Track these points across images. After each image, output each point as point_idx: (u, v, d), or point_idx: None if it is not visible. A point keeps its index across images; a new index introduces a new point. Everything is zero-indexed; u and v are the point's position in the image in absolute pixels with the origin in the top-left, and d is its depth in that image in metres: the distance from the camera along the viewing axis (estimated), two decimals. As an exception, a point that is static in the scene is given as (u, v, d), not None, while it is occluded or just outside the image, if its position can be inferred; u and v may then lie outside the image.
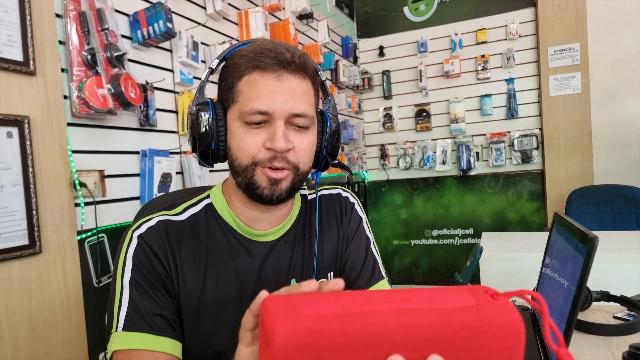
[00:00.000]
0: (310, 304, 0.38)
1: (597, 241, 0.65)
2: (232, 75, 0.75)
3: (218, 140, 0.76)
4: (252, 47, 0.75)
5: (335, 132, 0.84)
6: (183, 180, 1.82)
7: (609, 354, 0.85)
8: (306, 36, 2.96)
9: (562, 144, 3.32)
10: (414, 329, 0.37)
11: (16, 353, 1.17)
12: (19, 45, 1.21)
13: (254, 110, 0.71)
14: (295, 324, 0.36)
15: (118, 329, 0.71)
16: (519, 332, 0.38)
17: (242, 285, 0.79)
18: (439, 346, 0.37)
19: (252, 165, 0.74)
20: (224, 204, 0.83)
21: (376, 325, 0.37)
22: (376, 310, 0.37)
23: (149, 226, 0.78)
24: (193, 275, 0.77)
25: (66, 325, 1.31)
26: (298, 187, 0.79)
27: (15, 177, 1.19)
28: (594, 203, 2.72)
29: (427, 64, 3.73)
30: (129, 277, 0.74)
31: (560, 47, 3.28)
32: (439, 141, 3.73)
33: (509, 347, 0.38)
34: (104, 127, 1.49)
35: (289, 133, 0.74)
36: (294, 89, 0.73)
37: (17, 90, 1.21)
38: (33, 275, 1.23)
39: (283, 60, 0.72)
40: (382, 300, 0.39)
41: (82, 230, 1.39)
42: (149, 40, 1.60)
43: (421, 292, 0.40)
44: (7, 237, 1.16)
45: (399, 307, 0.38)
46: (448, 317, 0.38)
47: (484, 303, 0.39)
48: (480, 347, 0.38)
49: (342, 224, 0.91)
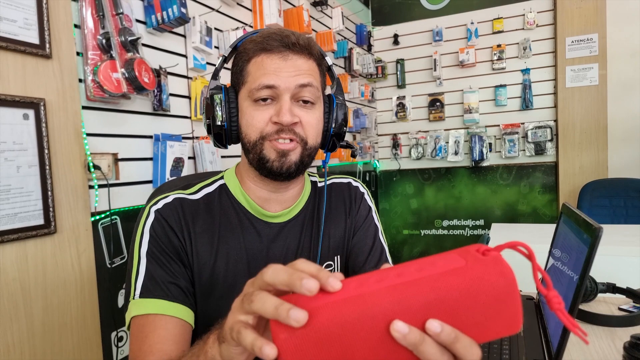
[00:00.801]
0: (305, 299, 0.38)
1: (601, 232, 0.65)
2: (242, 60, 0.80)
3: (230, 121, 0.81)
4: (260, 34, 0.80)
5: (342, 113, 0.87)
6: (195, 165, 1.84)
7: (612, 344, 0.85)
8: (320, 23, 2.94)
9: (577, 136, 3.27)
10: (406, 300, 0.37)
11: (31, 329, 1.21)
12: (35, 29, 1.23)
13: (261, 85, 0.76)
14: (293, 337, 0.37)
15: (135, 297, 0.74)
16: (509, 282, 0.38)
17: (252, 263, 0.83)
18: (434, 311, 0.38)
19: (261, 140, 0.78)
20: (237, 185, 0.87)
21: (369, 305, 0.37)
22: (368, 292, 0.38)
23: (166, 202, 0.82)
24: (206, 250, 0.81)
25: (79, 303, 1.35)
26: (307, 162, 0.82)
27: (31, 159, 1.21)
28: (607, 196, 2.69)
29: (442, 53, 3.70)
30: (146, 249, 0.78)
31: (578, 38, 3.22)
32: (452, 131, 3.71)
33: (503, 299, 0.38)
34: (118, 110, 1.51)
35: (295, 108, 0.78)
36: (299, 66, 0.78)
37: (33, 72, 1.23)
38: (48, 255, 1.26)
39: (288, 42, 0.77)
40: (374, 280, 0.39)
41: (96, 212, 1.42)
42: (162, 25, 1.61)
43: (413, 263, 0.41)
44: (23, 216, 1.19)
45: (390, 283, 0.39)
46: (437, 282, 0.38)
47: (473, 261, 0.39)
48: (475, 304, 0.38)
49: (351, 212, 0.94)
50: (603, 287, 1.10)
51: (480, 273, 0.38)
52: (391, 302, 0.37)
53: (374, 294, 0.38)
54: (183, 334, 0.74)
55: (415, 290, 0.38)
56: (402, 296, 0.38)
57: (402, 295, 0.38)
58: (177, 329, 0.73)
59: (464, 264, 0.39)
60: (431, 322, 0.37)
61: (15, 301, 1.18)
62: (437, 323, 0.37)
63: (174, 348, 0.70)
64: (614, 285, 1.09)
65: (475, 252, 0.40)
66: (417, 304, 0.38)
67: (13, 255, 1.17)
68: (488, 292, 0.38)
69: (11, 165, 1.17)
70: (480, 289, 0.38)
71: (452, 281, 0.38)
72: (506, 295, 0.38)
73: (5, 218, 1.15)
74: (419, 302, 0.38)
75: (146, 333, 0.71)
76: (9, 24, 1.16)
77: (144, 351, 0.69)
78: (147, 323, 0.72)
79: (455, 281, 0.38)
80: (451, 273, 0.38)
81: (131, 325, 0.74)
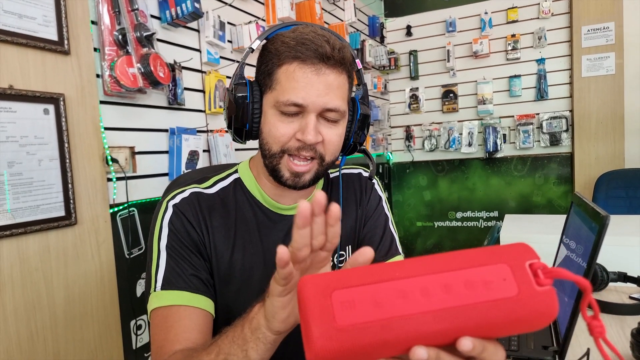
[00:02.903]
0: (349, 305, 0.38)
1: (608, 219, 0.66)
2: (272, 62, 0.78)
3: (252, 121, 0.80)
4: (294, 34, 0.77)
5: (364, 121, 0.87)
6: (210, 158, 1.87)
7: (620, 332, 0.86)
8: (332, 15, 2.95)
9: (593, 127, 3.23)
10: (451, 327, 0.37)
11: (53, 318, 1.26)
12: (53, 25, 1.26)
13: (290, 102, 0.75)
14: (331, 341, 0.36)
15: (157, 289, 0.76)
16: (552, 318, 0.39)
17: (267, 255, 0.85)
18: (472, 331, 0.38)
19: (280, 153, 0.78)
20: (252, 179, 0.88)
21: (414, 331, 0.37)
22: (415, 314, 0.37)
23: (183, 197, 0.84)
24: (223, 243, 0.83)
25: (100, 293, 1.39)
26: (322, 175, 0.83)
27: (51, 152, 1.25)
28: (623, 187, 2.66)
29: (455, 43, 3.67)
30: (165, 243, 0.80)
31: (594, 27, 3.17)
32: (466, 123, 3.69)
33: (537, 326, 0.39)
34: (134, 105, 1.54)
35: (320, 125, 0.77)
36: (330, 84, 0.75)
37: (52, 69, 1.27)
38: (69, 246, 1.30)
39: (323, 54, 0.74)
40: (420, 289, 0.38)
41: (114, 204, 1.46)
42: (177, 20, 1.63)
43: (460, 272, 0.39)
44: (45, 208, 1.23)
45: (438, 304, 0.38)
46: (487, 313, 0.38)
47: (526, 292, 0.38)
48: (515, 330, 0.39)
49: (362, 202, 0.96)
50: (614, 276, 1.10)
51: (530, 311, 0.38)
52: (435, 331, 0.37)
53: (421, 318, 0.37)
54: (206, 323, 0.77)
55: (462, 320, 0.37)
56: (448, 326, 0.37)
57: (449, 324, 0.37)
58: (201, 318, 0.76)
59: (517, 293, 0.38)
60: (464, 342, 0.37)
61: (38, 290, 1.22)
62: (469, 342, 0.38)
63: (199, 337, 0.73)
64: (625, 274, 1.10)
65: (528, 273, 0.39)
66: (460, 329, 0.38)
67: (36, 245, 1.22)
68: (531, 325, 0.39)
69: (33, 159, 1.21)
70: (525, 323, 0.39)
71: (502, 314, 0.38)
72: (544, 324, 0.39)
73: (28, 210, 1.19)
74: (460, 328, 0.38)
75: (171, 323, 0.73)
76: (28, 21, 1.20)
77: (170, 340, 0.72)
78: (171, 314, 0.74)
79: (504, 314, 0.38)
80: (503, 305, 0.38)
81: (153, 317, 0.76)
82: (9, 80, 1.16)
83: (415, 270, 0.39)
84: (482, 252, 0.40)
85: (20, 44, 1.18)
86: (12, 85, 1.16)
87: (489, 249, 0.41)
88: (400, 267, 0.40)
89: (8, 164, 1.15)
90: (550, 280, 0.39)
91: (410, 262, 0.40)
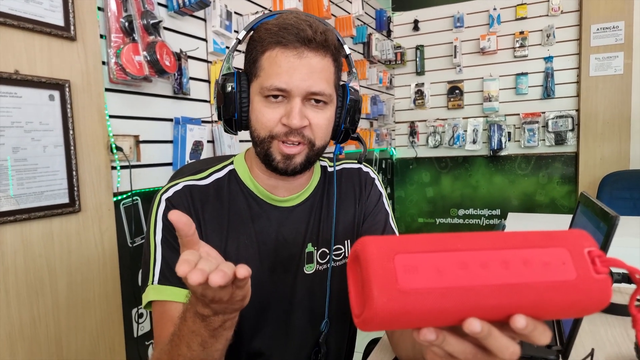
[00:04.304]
0: (411, 269, 0.38)
1: (617, 220, 0.65)
2: (255, 49, 0.79)
3: (241, 111, 0.81)
4: (276, 21, 0.77)
5: (355, 106, 0.86)
6: (214, 148, 1.87)
7: (624, 333, 0.85)
8: (340, 8, 2.93)
9: (599, 127, 3.22)
10: (507, 302, 0.38)
11: (56, 303, 1.26)
12: (60, 11, 1.25)
13: (273, 87, 0.75)
14: (393, 302, 0.37)
15: (154, 282, 0.78)
16: (603, 306, 0.39)
17: (262, 246, 0.85)
18: (526, 310, 0.38)
19: (269, 139, 0.78)
20: (246, 171, 0.88)
21: (472, 303, 0.38)
22: (475, 286, 0.38)
23: (175, 190, 0.84)
24: (216, 235, 0.83)
25: (102, 281, 1.39)
26: (314, 160, 0.83)
27: (56, 139, 1.25)
28: (627, 188, 2.65)
29: (463, 39, 3.65)
30: (160, 237, 0.80)
31: (603, 25, 3.14)
32: (471, 120, 3.67)
33: (586, 312, 0.40)
34: (140, 93, 1.53)
35: (306, 109, 0.77)
36: (314, 67, 0.75)
37: (58, 54, 1.26)
38: (72, 232, 1.30)
39: (304, 38, 0.74)
40: (480, 263, 0.39)
41: (118, 192, 1.45)
42: (183, 8, 1.62)
43: (520, 250, 0.40)
44: (49, 195, 1.23)
45: (497, 279, 0.38)
46: (544, 294, 0.38)
47: (584, 278, 0.39)
48: (567, 313, 0.40)
49: (361, 197, 0.95)
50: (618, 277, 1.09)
51: (586, 297, 0.39)
52: (493, 305, 0.38)
53: (480, 291, 0.38)
54: None
55: (520, 297, 0.38)
56: (505, 302, 0.38)
57: (506, 301, 0.38)
58: None
59: (575, 277, 0.39)
60: (518, 319, 0.38)
61: (41, 276, 1.22)
62: (523, 320, 0.38)
63: None
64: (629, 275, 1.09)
65: (586, 260, 0.40)
66: (516, 305, 0.38)
67: (40, 232, 1.22)
68: (582, 311, 0.40)
69: (37, 145, 1.20)
70: (578, 308, 0.39)
71: (558, 297, 0.39)
72: (592, 311, 0.40)
73: (32, 196, 1.19)
74: (518, 304, 0.38)
75: (165, 321, 0.75)
76: (35, 5, 1.19)
77: (164, 337, 0.73)
78: (165, 311, 0.76)
79: (560, 298, 0.39)
80: (560, 287, 0.39)
81: (153, 310, 0.79)
82: (15, 65, 1.15)
83: (476, 244, 0.40)
84: (542, 235, 0.41)
85: (27, 28, 1.17)
86: (17, 70, 1.15)
87: (550, 232, 0.41)
88: (461, 239, 0.40)
89: (13, 150, 1.15)
90: (607, 269, 0.39)
91: (471, 235, 0.41)
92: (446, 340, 0.40)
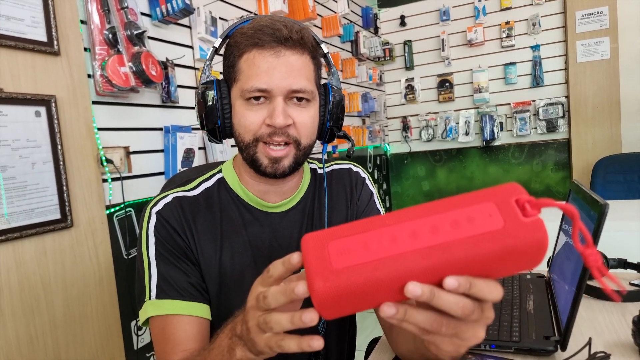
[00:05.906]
0: (343, 252, 0.41)
1: (607, 208, 0.65)
2: (233, 54, 0.78)
3: (224, 118, 0.80)
4: (251, 25, 0.77)
5: (338, 104, 0.86)
6: (205, 155, 1.86)
7: (622, 319, 0.86)
8: (325, 7, 2.92)
9: (589, 112, 3.23)
10: (440, 264, 0.39)
11: (53, 320, 1.25)
12: (42, 26, 1.25)
13: (254, 88, 0.74)
14: (329, 282, 0.39)
15: (152, 297, 0.77)
16: (543, 249, 0.39)
17: (257, 253, 0.84)
18: (459, 269, 0.39)
19: (254, 142, 0.77)
20: (235, 178, 0.87)
21: (404, 269, 0.39)
22: (404, 252, 0.39)
23: (165, 203, 0.83)
24: (210, 246, 0.82)
25: (99, 294, 1.39)
26: (302, 161, 0.82)
27: (45, 155, 1.24)
28: (621, 172, 2.66)
29: (450, 32, 3.65)
30: (154, 251, 0.79)
31: (588, 11, 3.15)
32: (462, 112, 3.68)
33: (530, 260, 0.39)
34: (128, 104, 1.53)
35: (289, 108, 0.77)
36: (292, 65, 0.75)
37: (43, 70, 1.25)
38: (66, 248, 1.30)
39: (280, 37, 0.74)
40: (409, 233, 0.40)
41: (110, 204, 1.45)
42: (168, 17, 1.62)
43: (448, 213, 0.41)
44: (40, 212, 1.22)
45: (425, 243, 0.39)
46: (474, 248, 0.38)
47: (512, 224, 0.39)
48: (503, 266, 0.40)
49: (352, 198, 0.94)
50: (614, 262, 1.10)
51: (517, 242, 0.38)
52: (425, 267, 0.39)
53: (409, 256, 0.39)
54: (201, 330, 0.77)
55: (450, 255, 0.39)
56: (436, 262, 0.39)
57: (437, 260, 0.39)
58: (196, 327, 0.76)
59: (503, 225, 0.39)
60: (448, 280, 0.39)
61: (36, 294, 1.22)
62: (453, 280, 0.39)
63: (194, 346, 0.74)
64: (625, 261, 1.09)
65: (514, 207, 0.40)
66: (447, 265, 0.39)
67: (32, 249, 1.21)
68: (520, 259, 0.39)
69: (26, 162, 1.19)
70: (513, 257, 0.39)
71: (488, 247, 0.38)
72: (534, 258, 0.39)
73: (23, 214, 1.18)
74: (449, 263, 0.39)
75: (167, 335, 0.74)
76: (16, 23, 1.18)
77: (168, 352, 0.73)
78: (167, 325, 0.75)
79: (491, 247, 0.38)
80: (489, 238, 0.39)
81: (152, 326, 0.77)
82: (-1, 83, 1.15)
83: (405, 216, 0.42)
84: (470, 195, 0.42)
85: (9, 46, 1.16)
86: (2, 89, 1.15)
87: (478, 191, 0.42)
88: (391, 216, 0.42)
89: (1, 168, 1.14)
90: (537, 212, 0.39)
91: (401, 211, 0.43)
92: (408, 313, 0.41)
